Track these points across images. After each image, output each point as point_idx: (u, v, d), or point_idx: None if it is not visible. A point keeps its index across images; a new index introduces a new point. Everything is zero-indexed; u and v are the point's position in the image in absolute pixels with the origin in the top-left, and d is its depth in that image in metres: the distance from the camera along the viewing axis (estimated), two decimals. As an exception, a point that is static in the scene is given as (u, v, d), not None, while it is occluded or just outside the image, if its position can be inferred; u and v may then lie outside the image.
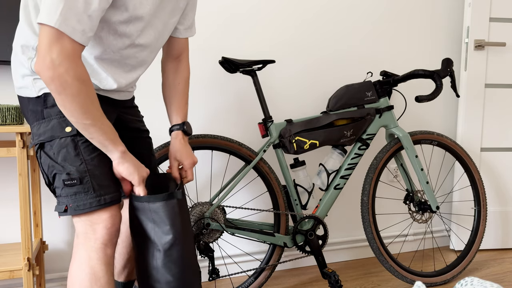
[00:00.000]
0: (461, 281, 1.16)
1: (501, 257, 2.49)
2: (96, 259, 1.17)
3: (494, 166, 2.56)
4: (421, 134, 2.11)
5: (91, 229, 1.16)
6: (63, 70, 1.00)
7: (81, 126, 1.08)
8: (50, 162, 1.15)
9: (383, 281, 2.18)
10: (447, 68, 1.95)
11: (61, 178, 1.14)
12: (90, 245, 1.17)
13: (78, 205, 1.14)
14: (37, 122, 1.17)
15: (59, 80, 1.00)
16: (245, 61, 1.85)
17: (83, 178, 1.14)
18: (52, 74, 0.99)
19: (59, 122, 1.15)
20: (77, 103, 1.04)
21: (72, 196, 1.14)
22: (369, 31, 2.40)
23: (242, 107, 2.19)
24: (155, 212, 1.20)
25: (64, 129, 1.14)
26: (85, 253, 1.17)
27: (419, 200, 2.12)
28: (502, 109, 2.54)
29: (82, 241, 1.17)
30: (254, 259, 2.26)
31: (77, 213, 1.14)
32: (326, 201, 1.97)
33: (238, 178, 1.85)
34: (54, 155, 1.15)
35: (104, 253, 1.18)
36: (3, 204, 1.87)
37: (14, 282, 1.89)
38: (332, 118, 1.91)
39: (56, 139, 1.14)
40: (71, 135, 1.14)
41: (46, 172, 1.17)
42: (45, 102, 1.16)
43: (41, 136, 1.16)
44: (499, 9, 2.46)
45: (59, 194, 1.16)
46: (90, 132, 1.09)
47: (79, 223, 1.17)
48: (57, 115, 1.15)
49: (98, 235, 1.17)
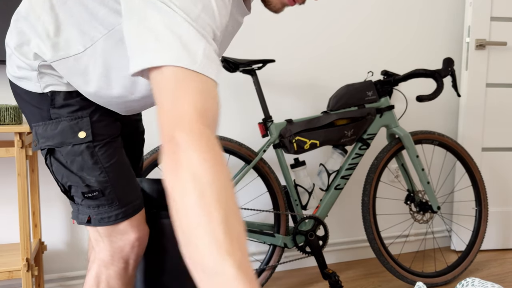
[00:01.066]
0: (462, 281, 1.15)
1: (502, 257, 2.48)
2: (117, 280, 1.07)
3: (495, 166, 2.56)
4: (422, 134, 2.10)
5: (116, 245, 1.05)
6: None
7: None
8: (64, 172, 1.02)
9: (384, 281, 2.17)
10: (448, 67, 1.94)
11: (79, 190, 1.02)
12: (116, 265, 1.06)
13: (102, 218, 1.03)
14: (43, 122, 1.01)
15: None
16: (245, 60, 1.84)
17: (105, 188, 1.02)
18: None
19: (70, 125, 1.00)
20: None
21: (95, 208, 1.03)
22: (369, 30, 2.39)
23: (242, 107, 2.19)
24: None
25: (77, 134, 1.00)
26: (105, 270, 1.07)
27: (420, 200, 2.11)
28: (503, 108, 2.53)
29: (103, 257, 1.06)
30: (254, 260, 2.26)
31: (102, 225, 1.03)
32: (326, 202, 1.96)
33: (238, 178, 1.84)
34: (68, 164, 1.01)
35: (128, 273, 1.08)
36: (2, 205, 1.87)
37: (13, 282, 1.88)
38: (332, 118, 1.90)
39: (67, 146, 1.00)
40: (86, 142, 1.00)
41: (60, 180, 1.04)
42: (52, 101, 1.00)
43: (49, 140, 1.01)
44: (500, 9, 2.45)
45: (79, 203, 1.04)
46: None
47: (100, 237, 1.05)
48: (68, 116, 1.00)
49: (123, 254, 1.06)
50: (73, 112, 1.01)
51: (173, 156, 0.62)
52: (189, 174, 0.60)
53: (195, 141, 0.62)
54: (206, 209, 0.58)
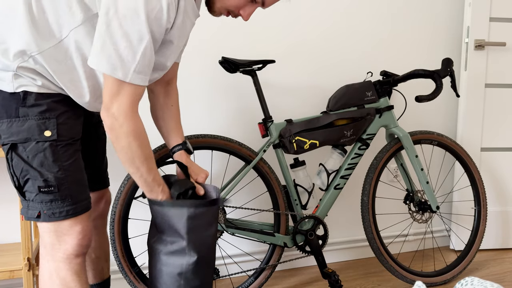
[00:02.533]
0: (461, 281, 1.16)
1: (501, 257, 2.49)
2: (66, 270, 1.14)
3: (494, 166, 2.56)
4: (421, 134, 2.11)
5: (62, 239, 1.13)
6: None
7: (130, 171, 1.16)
8: (24, 166, 1.09)
9: (383, 281, 2.18)
10: (447, 68, 1.94)
11: (35, 184, 1.09)
12: (59, 256, 1.13)
13: (53, 213, 1.10)
14: (8, 120, 1.09)
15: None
16: (245, 61, 1.85)
17: (61, 185, 1.10)
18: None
19: (37, 124, 1.08)
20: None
21: (48, 203, 1.10)
22: (369, 31, 2.40)
23: (242, 107, 2.19)
24: (195, 218, 1.20)
25: (43, 132, 1.09)
26: (54, 264, 1.13)
27: (419, 200, 2.12)
28: (502, 109, 2.54)
29: (50, 251, 1.13)
30: (254, 259, 2.26)
31: (52, 220, 1.11)
32: (326, 201, 1.97)
33: (238, 178, 1.85)
34: (29, 159, 1.09)
35: (75, 262, 1.15)
36: (3, 204, 1.87)
37: (14, 282, 1.89)
38: (332, 118, 1.91)
39: (31, 142, 1.08)
40: (50, 140, 1.09)
41: (18, 175, 1.10)
42: (23, 100, 1.08)
43: (13, 136, 1.09)
44: (499, 9, 2.46)
45: (30, 199, 1.11)
46: (135, 177, 1.17)
47: (47, 233, 1.13)
48: (36, 116, 1.09)
49: (68, 246, 1.13)
50: (42, 112, 1.09)
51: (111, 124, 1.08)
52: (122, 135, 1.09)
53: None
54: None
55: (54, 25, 1.09)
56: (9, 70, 1.08)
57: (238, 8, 1.20)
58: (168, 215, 1.21)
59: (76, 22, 1.09)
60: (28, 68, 1.08)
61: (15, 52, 1.07)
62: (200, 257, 1.23)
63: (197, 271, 1.24)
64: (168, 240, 1.24)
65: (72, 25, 1.09)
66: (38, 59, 1.08)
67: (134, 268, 1.75)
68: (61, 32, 1.09)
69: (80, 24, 1.09)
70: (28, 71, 1.08)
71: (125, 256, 1.73)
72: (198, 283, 1.25)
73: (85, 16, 1.08)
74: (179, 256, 1.23)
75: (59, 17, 1.08)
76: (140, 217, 2.06)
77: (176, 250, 1.23)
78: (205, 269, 1.26)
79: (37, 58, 1.08)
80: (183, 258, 1.23)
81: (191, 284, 1.24)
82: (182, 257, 1.23)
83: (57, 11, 1.08)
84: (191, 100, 2.10)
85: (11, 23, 1.07)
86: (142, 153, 1.13)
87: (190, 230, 1.21)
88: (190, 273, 1.23)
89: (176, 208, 1.20)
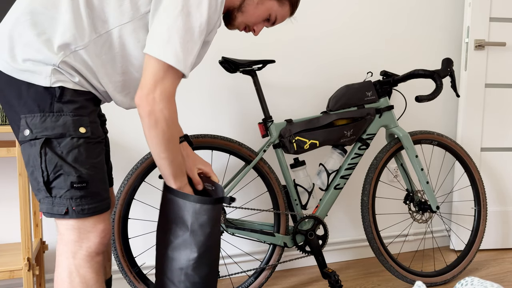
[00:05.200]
0: (461, 281, 1.16)
1: (501, 257, 2.49)
2: (87, 268, 1.14)
3: (494, 166, 2.56)
4: (421, 134, 2.11)
5: (85, 236, 1.13)
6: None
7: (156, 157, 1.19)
8: (58, 161, 1.09)
9: (383, 281, 2.18)
10: (447, 68, 1.95)
11: (68, 180, 1.09)
12: (82, 254, 1.13)
13: (82, 209, 1.11)
14: (41, 114, 1.08)
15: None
16: (245, 61, 1.85)
17: (92, 182, 1.12)
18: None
19: (73, 120, 1.09)
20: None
21: (77, 200, 1.10)
22: (369, 31, 2.40)
23: (242, 107, 2.19)
24: (200, 214, 1.22)
25: (78, 129, 1.10)
26: (74, 261, 1.13)
27: (419, 200, 2.12)
28: (502, 109, 2.54)
29: (72, 248, 1.13)
30: (254, 259, 2.26)
31: (79, 217, 1.11)
32: (326, 201, 1.97)
33: (238, 178, 1.85)
34: (63, 154, 1.09)
35: (95, 260, 1.15)
36: (3, 204, 1.87)
37: (14, 282, 1.89)
38: (332, 118, 1.91)
39: (66, 138, 1.09)
40: (85, 137, 1.11)
41: (49, 170, 1.09)
42: (60, 96, 1.09)
43: (47, 131, 1.08)
44: (499, 9, 2.46)
45: (58, 195, 1.10)
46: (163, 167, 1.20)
47: (70, 230, 1.13)
48: (71, 112, 1.10)
49: (91, 243, 1.14)
50: (77, 109, 1.11)
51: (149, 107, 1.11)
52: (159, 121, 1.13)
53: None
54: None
55: (100, 20, 1.12)
56: (49, 63, 1.08)
57: (254, 24, 1.35)
58: (179, 205, 1.24)
59: (124, 20, 1.14)
60: (68, 64, 1.09)
61: (59, 44, 1.08)
62: (201, 253, 1.24)
63: (197, 268, 1.25)
64: (177, 232, 1.26)
65: (120, 22, 1.14)
66: (80, 54, 1.10)
67: (134, 268, 1.75)
68: (106, 27, 1.13)
69: (128, 21, 1.14)
70: (68, 67, 1.10)
71: (125, 256, 1.73)
72: (198, 280, 1.26)
73: (134, 15, 1.14)
74: (183, 250, 1.25)
75: (107, 13, 1.13)
76: (140, 217, 2.06)
77: (181, 243, 1.25)
78: (207, 268, 1.27)
79: (80, 53, 1.10)
80: (185, 252, 1.24)
81: (190, 280, 1.25)
82: (185, 251, 1.24)
83: (106, 7, 1.13)
84: (191, 100, 2.10)
85: (53, 14, 1.10)
86: (176, 138, 1.18)
87: (195, 224, 1.23)
88: (190, 269, 1.24)
89: (188, 200, 1.23)
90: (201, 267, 1.25)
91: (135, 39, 1.16)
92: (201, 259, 1.25)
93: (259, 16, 1.34)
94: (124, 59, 1.18)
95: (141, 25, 1.16)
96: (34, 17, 1.09)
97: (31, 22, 1.09)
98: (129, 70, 1.20)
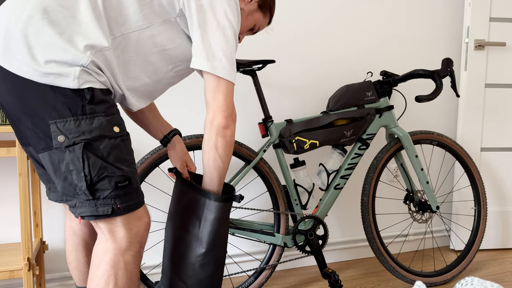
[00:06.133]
0: (461, 281, 1.16)
1: (501, 257, 2.49)
2: (134, 264, 1.15)
3: (494, 166, 2.56)
4: (421, 134, 2.11)
5: (134, 231, 1.13)
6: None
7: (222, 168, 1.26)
8: (102, 164, 1.06)
9: (383, 281, 2.18)
10: (447, 68, 1.95)
11: (112, 180, 1.07)
12: (133, 250, 1.14)
13: (128, 205, 1.11)
14: (74, 118, 1.04)
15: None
16: (245, 61, 1.85)
17: (132, 178, 1.12)
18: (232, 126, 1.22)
19: (107, 120, 1.07)
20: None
21: (123, 197, 1.10)
22: (369, 31, 2.40)
23: (242, 107, 2.19)
24: (210, 211, 1.24)
25: (112, 128, 1.08)
26: (123, 258, 1.13)
27: (419, 200, 2.12)
28: (502, 109, 2.54)
29: (123, 245, 1.12)
30: (254, 259, 2.26)
31: (125, 212, 1.11)
32: (326, 201, 1.97)
33: (238, 178, 1.85)
34: (104, 156, 1.07)
35: (140, 255, 1.17)
36: (3, 204, 1.87)
37: (14, 282, 1.89)
38: (332, 118, 1.91)
39: (105, 139, 1.07)
40: (120, 136, 1.10)
41: (92, 174, 1.06)
42: (92, 98, 1.05)
43: (85, 135, 1.04)
44: (499, 9, 2.46)
45: (102, 196, 1.08)
46: (218, 173, 1.26)
47: (119, 227, 1.11)
48: (103, 112, 1.07)
49: (140, 237, 1.15)
50: (108, 108, 1.09)
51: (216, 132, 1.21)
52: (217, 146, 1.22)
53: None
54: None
55: (115, 23, 1.12)
56: (77, 64, 1.04)
57: (241, 33, 1.44)
58: (197, 201, 1.27)
59: (145, 25, 1.15)
60: (95, 63, 1.07)
61: (85, 44, 1.05)
62: (208, 250, 1.25)
63: (204, 265, 1.26)
64: (189, 228, 1.28)
65: (139, 27, 1.15)
66: (104, 54, 1.09)
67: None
68: (122, 30, 1.13)
69: (148, 27, 1.16)
70: (95, 66, 1.07)
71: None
72: (204, 276, 1.27)
73: (154, 21, 1.16)
74: (194, 245, 1.26)
75: (125, 16, 1.13)
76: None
77: (192, 239, 1.27)
78: (213, 265, 1.27)
79: (104, 53, 1.08)
80: (195, 248, 1.26)
81: (197, 277, 1.27)
82: (195, 247, 1.26)
83: (125, 10, 1.13)
84: (191, 100, 2.10)
85: (71, 13, 1.06)
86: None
87: (206, 220, 1.25)
88: (198, 265, 1.26)
89: (207, 198, 1.25)
90: (208, 265, 1.27)
91: (152, 45, 1.17)
92: (209, 256, 1.26)
93: (247, 26, 1.41)
94: (137, 64, 1.17)
95: (161, 30, 1.17)
96: (50, 15, 1.04)
97: (49, 20, 1.03)
98: (140, 76, 1.19)
